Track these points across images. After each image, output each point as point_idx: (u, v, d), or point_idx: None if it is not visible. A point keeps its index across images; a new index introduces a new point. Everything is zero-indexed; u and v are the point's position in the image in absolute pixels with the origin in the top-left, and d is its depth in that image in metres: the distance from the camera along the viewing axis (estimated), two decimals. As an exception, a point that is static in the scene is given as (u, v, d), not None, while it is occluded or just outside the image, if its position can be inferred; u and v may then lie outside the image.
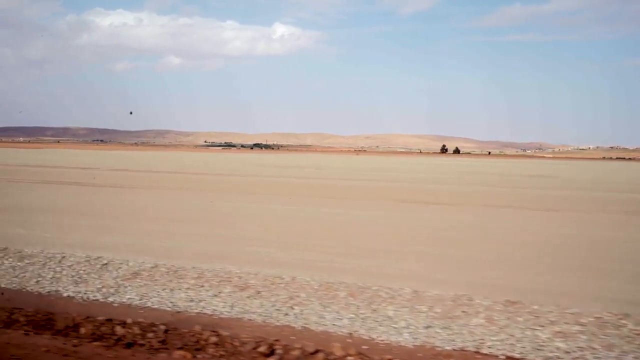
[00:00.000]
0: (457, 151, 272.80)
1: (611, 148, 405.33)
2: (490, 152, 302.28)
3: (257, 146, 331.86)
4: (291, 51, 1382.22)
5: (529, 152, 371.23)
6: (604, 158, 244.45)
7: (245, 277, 8.86)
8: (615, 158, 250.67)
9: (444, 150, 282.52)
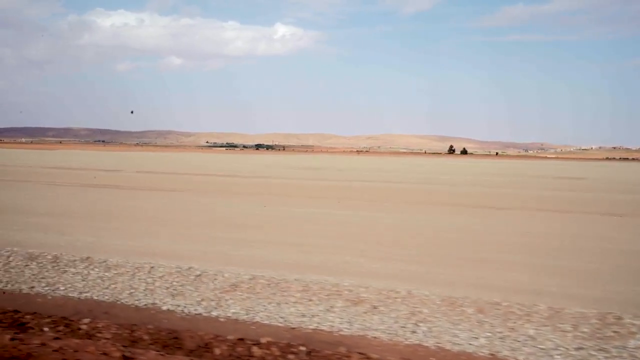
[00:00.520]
0: (465, 152, 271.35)
1: (614, 148, 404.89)
2: (497, 153, 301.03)
3: (260, 147, 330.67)
4: (292, 51, 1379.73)
5: (531, 153, 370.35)
6: (607, 158, 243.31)
7: (355, 291, 8.39)
8: (618, 158, 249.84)
9: (452, 150, 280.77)
